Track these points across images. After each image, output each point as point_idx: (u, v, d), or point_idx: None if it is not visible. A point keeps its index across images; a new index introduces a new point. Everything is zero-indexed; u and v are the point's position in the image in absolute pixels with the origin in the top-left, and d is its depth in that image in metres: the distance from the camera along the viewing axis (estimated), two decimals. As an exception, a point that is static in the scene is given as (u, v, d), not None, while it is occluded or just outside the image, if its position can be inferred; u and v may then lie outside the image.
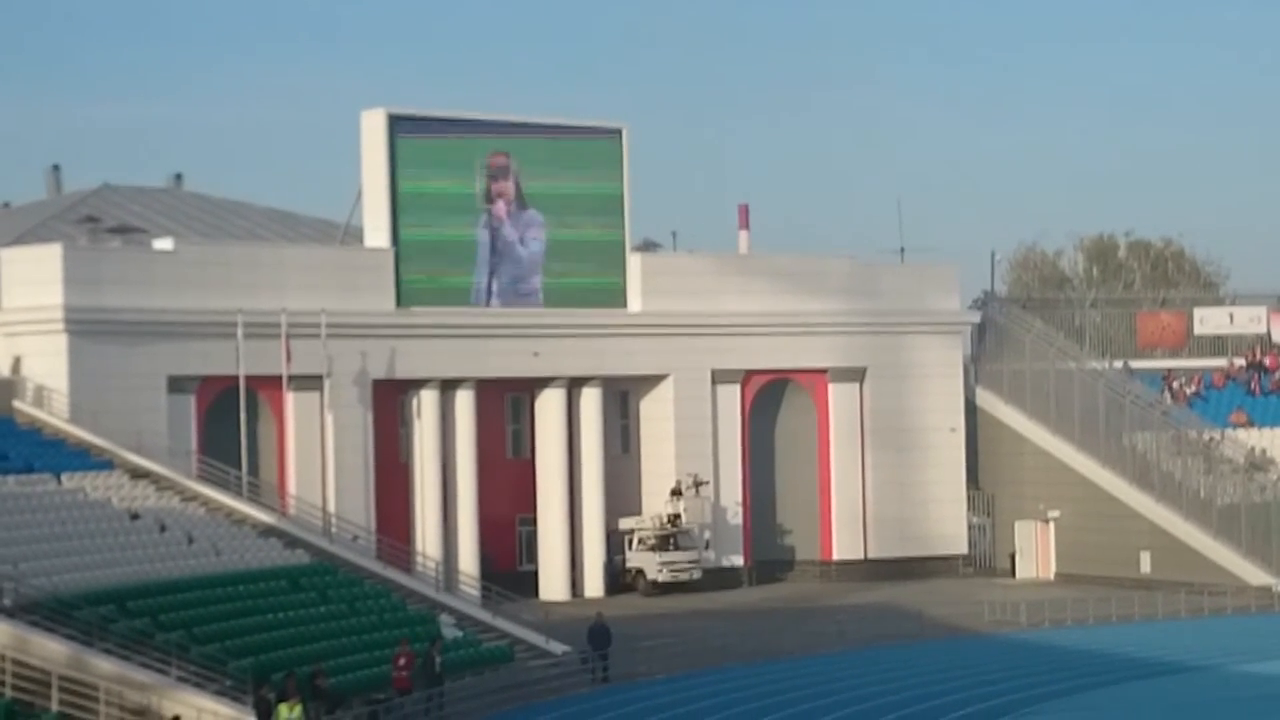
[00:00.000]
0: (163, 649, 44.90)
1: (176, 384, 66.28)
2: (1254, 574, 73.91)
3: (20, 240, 69.82)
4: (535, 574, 75.73)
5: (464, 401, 73.26)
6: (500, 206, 73.96)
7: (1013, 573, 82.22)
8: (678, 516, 76.80)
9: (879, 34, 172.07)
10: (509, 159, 74.08)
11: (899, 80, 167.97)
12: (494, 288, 73.81)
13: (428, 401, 72.58)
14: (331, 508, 68.15)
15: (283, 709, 42.57)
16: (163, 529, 55.11)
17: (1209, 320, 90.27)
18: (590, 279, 75.68)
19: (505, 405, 78.29)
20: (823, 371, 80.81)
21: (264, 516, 60.77)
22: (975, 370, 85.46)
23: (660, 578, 76.08)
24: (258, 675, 45.42)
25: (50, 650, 43.20)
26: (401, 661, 48.51)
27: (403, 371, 71.71)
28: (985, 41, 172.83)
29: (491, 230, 73.80)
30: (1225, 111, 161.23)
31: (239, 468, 64.40)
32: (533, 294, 74.64)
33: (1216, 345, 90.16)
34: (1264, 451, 79.50)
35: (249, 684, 44.52)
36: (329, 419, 69.46)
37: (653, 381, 78.12)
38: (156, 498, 58.76)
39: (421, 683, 49.47)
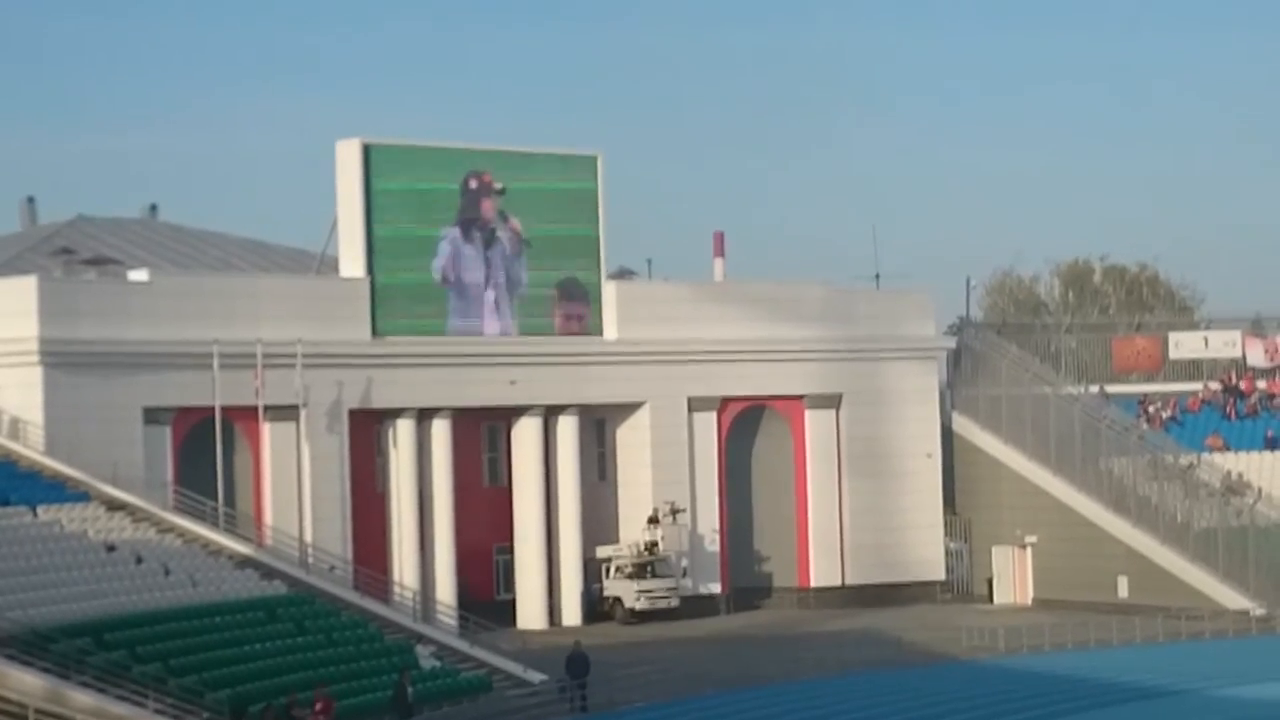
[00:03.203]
0: (140, 681, 44.80)
1: (152, 415, 66.09)
2: (1231, 598, 73.99)
3: (-6, 272, 69.68)
4: (513, 603, 75.57)
5: (440, 430, 73.15)
6: (491, 225, 73.94)
7: (990, 598, 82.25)
8: (655, 544, 76.69)
9: (853, 62, 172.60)
10: (490, 178, 74.10)
11: (874, 107, 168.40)
12: (470, 314, 73.65)
13: (404, 431, 72.45)
14: (308, 538, 68.00)
15: (261, 741, 42.46)
16: (139, 561, 54.96)
17: (1184, 344, 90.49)
18: (565, 306, 75.62)
19: (482, 434, 78.16)
20: (799, 398, 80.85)
21: (240, 547, 60.61)
22: (951, 396, 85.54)
23: (638, 606, 75.96)
24: (235, 707, 45.30)
25: (27, 683, 43.05)
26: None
27: (379, 401, 71.60)
28: (960, 68, 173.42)
29: (469, 254, 73.65)
30: (1199, 136, 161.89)
31: (215, 499, 64.20)
32: (508, 321, 74.49)
33: (1192, 369, 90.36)
34: (1240, 475, 79.63)
35: (227, 715, 44.41)
36: (305, 449, 69.30)
37: (629, 409, 78.07)
38: (133, 529, 58.59)
39: (394, 713, 49.29)
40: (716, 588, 78.89)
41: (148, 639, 48.55)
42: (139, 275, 68.63)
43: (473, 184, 73.91)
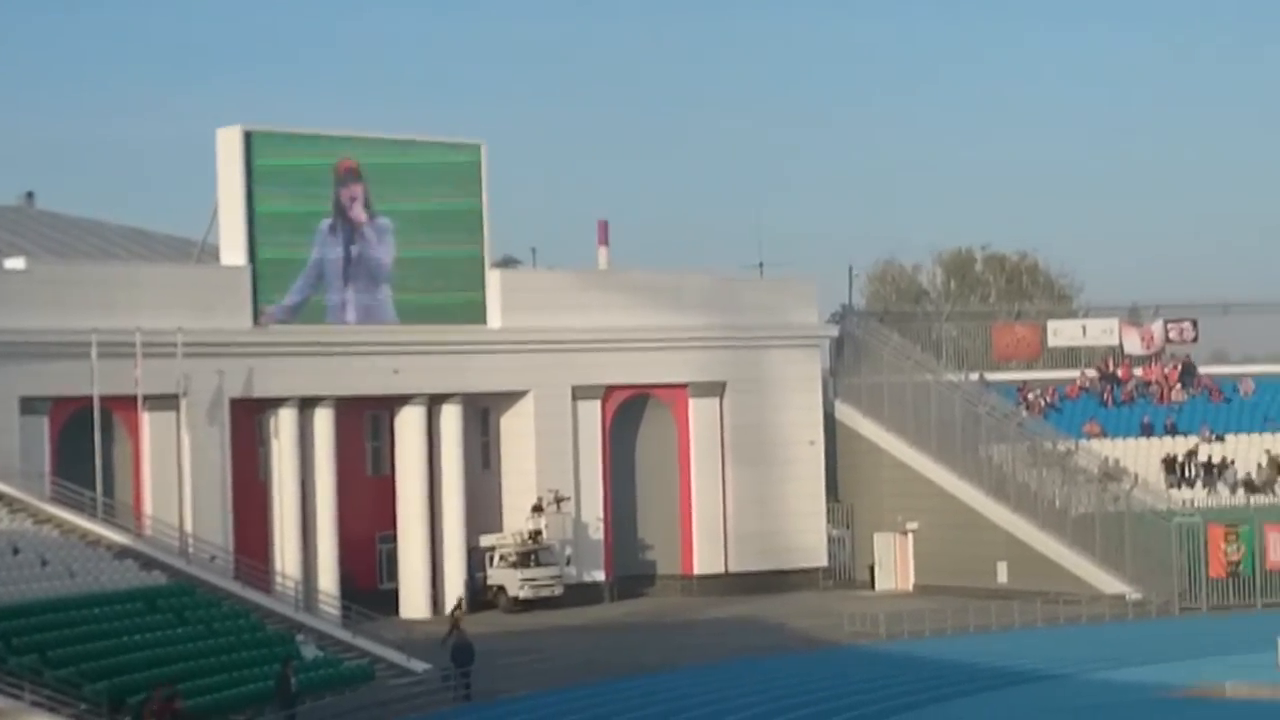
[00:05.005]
0: (16, 673, 44.34)
1: (29, 405, 65.46)
2: (1108, 583, 74.83)
3: None
4: (396, 592, 75.38)
5: (323, 420, 72.83)
6: (354, 214, 73.54)
7: (872, 584, 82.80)
8: (539, 533, 76.71)
9: (734, 50, 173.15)
10: (358, 164, 73.66)
11: (756, 96, 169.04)
12: (351, 305, 73.39)
13: (286, 420, 72.08)
14: (189, 528, 67.48)
15: (140, 732, 42.02)
16: (16, 551, 54.39)
17: (1062, 332, 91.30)
18: (450, 295, 75.48)
19: (365, 423, 77.92)
20: (683, 386, 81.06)
21: (119, 538, 60.09)
22: (834, 384, 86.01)
23: (522, 594, 75.95)
24: (114, 698, 44.90)
25: (-100, 676, 42.54)
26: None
27: (260, 390, 71.19)
28: (839, 57, 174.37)
29: (347, 246, 73.38)
30: (1079, 126, 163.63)
31: (94, 489, 63.65)
32: (391, 311, 74.27)
33: (1070, 357, 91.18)
34: (1117, 462, 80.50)
35: (105, 707, 44.02)
36: (185, 439, 68.83)
37: (513, 398, 78.02)
38: (9, 520, 58.00)
39: (278, 703, 49.06)
40: (600, 575, 79.01)
41: (24, 630, 48.05)
42: (15, 263, 67.91)
43: (341, 170, 73.44)
